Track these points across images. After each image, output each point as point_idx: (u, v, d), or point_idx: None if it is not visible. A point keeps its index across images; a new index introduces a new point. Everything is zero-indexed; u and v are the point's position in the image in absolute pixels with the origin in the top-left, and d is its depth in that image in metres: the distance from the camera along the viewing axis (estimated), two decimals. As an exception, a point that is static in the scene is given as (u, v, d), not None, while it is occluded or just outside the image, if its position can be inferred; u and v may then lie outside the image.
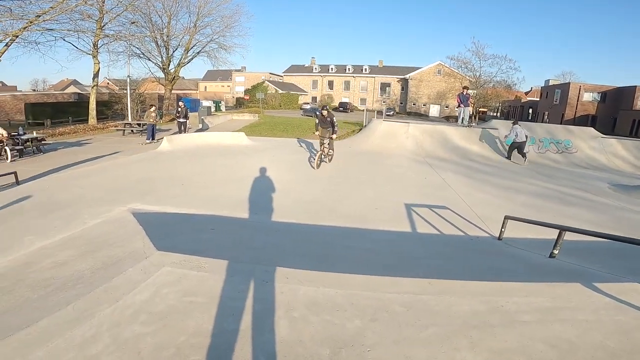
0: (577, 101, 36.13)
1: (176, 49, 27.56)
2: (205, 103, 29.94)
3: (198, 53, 28.71)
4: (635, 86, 32.68)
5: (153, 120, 14.32)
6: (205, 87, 66.06)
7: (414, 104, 56.86)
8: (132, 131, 16.86)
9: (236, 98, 54.52)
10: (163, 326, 2.29)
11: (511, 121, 12.75)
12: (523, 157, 11.62)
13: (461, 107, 13.78)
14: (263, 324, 2.30)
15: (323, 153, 9.52)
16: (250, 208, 5.92)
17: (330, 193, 7.08)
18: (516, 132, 11.38)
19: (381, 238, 4.81)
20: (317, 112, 10.02)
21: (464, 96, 13.59)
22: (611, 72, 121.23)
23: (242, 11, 36.44)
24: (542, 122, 31.86)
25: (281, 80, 62.44)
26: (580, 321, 2.19)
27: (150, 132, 14.23)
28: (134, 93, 23.54)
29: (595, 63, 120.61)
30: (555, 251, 3.72)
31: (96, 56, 20.30)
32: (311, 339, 2.11)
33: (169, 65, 27.30)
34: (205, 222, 5.14)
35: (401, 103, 58.67)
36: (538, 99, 47.86)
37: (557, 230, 3.75)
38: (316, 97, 60.91)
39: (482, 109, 40.76)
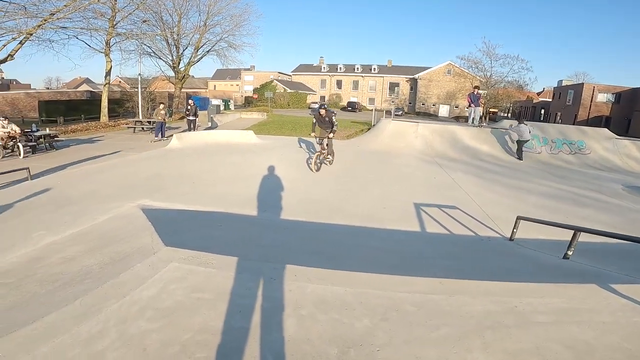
0: (591, 102, 35.45)
1: (186, 48, 27.81)
2: (214, 102, 30.08)
3: (208, 52, 28.90)
4: (651, 87, 31.98)
5: (162, 118, 14.44)
6: (214, 86, 66.45)
7: (423, 104, 56.45)
8: (143, 129, 17.03)
9: (245, 97, 54.76)
10: (169, 322, 2.28)
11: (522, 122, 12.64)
12: (520, 158, 12.03)
13: (472, 107, 13.62)
14: (271, 322, 2.27)
15: (322, 155, 8.90)
16: (258, 206, 5.92)
17: (338, 192, 7.04)
18: (522, 131, 11.64)
19: (390, 237, 4.75)
20: (316, 112, 9.06)
21: (475, 96, 13.43)
22: (626, 73, 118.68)
23: (251, 10, 36.60)
24: (555, 123, 31.33)
25: (290, 79, 62.52)
26: (597, 323, 2.14)
27: (158, 130, 14.35)
28: (145, 91, 23.79)
29: (609, 64, 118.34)
30: (569, 252, 3.64)
31: (108, 54, 20.56)
32: (319, 338, 2.07)
33: (179, 63, 27.54)
34: (213, 219, 5.14)
35: (410, 103, 58.29)
36: (550, 100, 47.10)
37: (570, 231, 3.69)
38: (324, 97, 60.84)
39: (493, 110, 40.23)
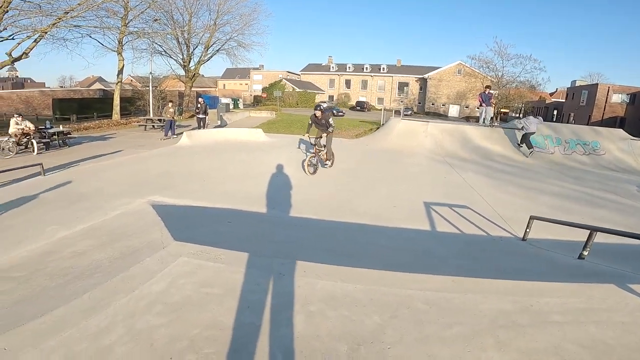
0: (605, 103, 34.71)
1: (196, 47, 27.97)
2: (223, 100, 30.30)
3: (217, 51, 29.02)
4: (667, 87, 31.20)
5: (170, 116, 14.55)
6: (224, 85, 66.90)
7: (433, 104, 55.98)
8: (154, 126, 17.22)
9: (254, 96, 54.96)
10: (178, 317, 2.27)
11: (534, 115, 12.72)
12: (521, 146, 12.21)
13: (483, 107, 13.45)
14: (280, 318, 2.25)
15: (318, 156, 8.24)
16: (267, 203, 5.91)
17: (347, 190, 7.01)
18: (529, 122, 11.83)
19: (400, 235, 4.70)
20: (317, 112, 8.39)
21: (486, 95, 13.26)
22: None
23: (261, 9, 36.59)
24: (568, 124, 30.81)
25: (298, 78, 62.58)
26: (616, 323, 2.09)
27: (168, 128, 14.47)
28: (156, 90, 24.05)
29: (624, 64, 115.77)
30: (584, 252, 3.56)
31: (121, 53, 20.83)
32: (329, 334, 2.05)
33: (190, 62, 27.74)
34: (223, 216, 5.16)
35: (419, 103, 57.85)
36: (563, 100, 46.28)
37: (584, 232, 3.64)
38: (333, 96, 60.77)
39: (504, 110, 39.64)
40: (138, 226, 4.41)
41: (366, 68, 61.89)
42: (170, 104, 15.00)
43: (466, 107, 53.12)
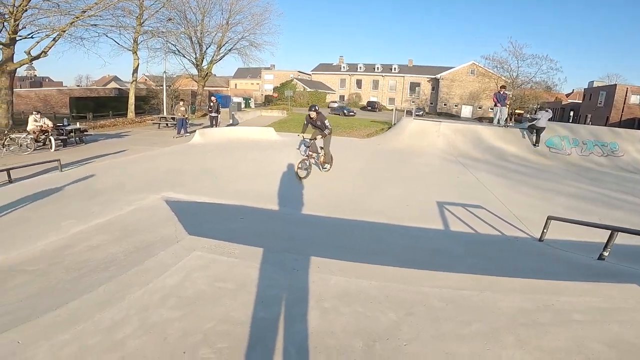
0: (624, 104, 33.83)
1: (209, 46, 28.31)
2: (235, 99, 30.55)
3: (230, 50, 29.30)
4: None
5: (181, 114, 14.72)
6: (235, 85, 67.41)
7: (445, 105, 55.40)
8: (167, 125, 17.47)
9: (265, 96, 55.24)
10: (191, 311, 2.27)
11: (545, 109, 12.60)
12: (536, 141, 12.04)
13: (497, 107, 13.23)
14: (293, 314, 2.23)
15: (311, 159, 7.60)
16: (279, 201, 5.92)
17: (359, 189, 6.97)
18: (539, 116, 11.84)
19: (412, 234, 4.65)
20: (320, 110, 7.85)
21: (501, 95, 13.04)
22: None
23: (272, 9, 36.83)
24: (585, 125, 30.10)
25: (309, 78, 62.66)
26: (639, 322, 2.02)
27: (180, 126, 14.64)
28: (169, 89, 24.38)
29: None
30: (605, 253, 3.48)
31: (136, 52, 21.22)
32: (343, 331, 2.03)
33: (202, 62, 28.05)
34: (235, 212, 5.18)
35: (431, 103, 57.30)
36: (580, 102, 45.25)
37: (602, 233, 3.56)
38: (344, 96, 60.67)
39: (519, 111, 38.92)
40: (152, 221, 4.45)
41: (377, 68, 61.61)
42: (181, 103, 15.19)
43: (479, 108, 52.42)
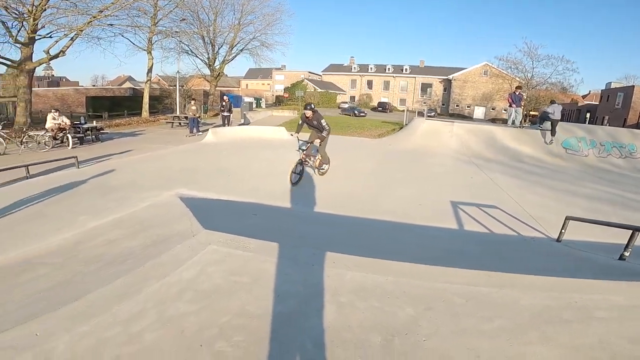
0: (643, 105, 32.97)
1: (221, 46, 28.63)
2: (246, 99, 30.79)
3: (241, 50, 29.58)
4: None
5: (193, 113, 14.88)
6: (246, 85, 67.83)
7: (457, 106, 54.78)
8: (180, 124, 17.70)
9: (275, 96, 55.49)
10: (207, 305, 2.28)
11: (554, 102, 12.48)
12: (551, 136, 12.02)
13: (512, 107, 13.02)
14: (309, 308, 2.23)
15: (306, 161, 7.07)
16: (291, 199, 5.93)
17: (371, 188, 6.94)
18: (554, 109, 11.84)
19: (426, 233, 4.60)
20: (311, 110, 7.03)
21: (517, 96, 12.84)
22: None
23: (283, 9, 36.81)
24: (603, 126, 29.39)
25: (320, 79, 62.70)
26: (664, 319, 1.96)
27: (192, 125, 14.81)
28: (182, 89, 24.73)
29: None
30: (625, 253, 3.41)
31: (150, 51, 21.60)
32: (360, 325, 2.01)
33: (215, 62, 28.37)
34: (248, 209, 5.20)
35: (443, 104, 56.73)
36: (597, 103, 44.22)
37: (622, 234, 3.50)
38: (354, 97, 60.53)
39: (534, 113, 38.27)
40: (167, 217, 4.50)
41: (388, 69, 61.29)
42: (192, 102, 15.37)
43: (492, 109, 51.70)
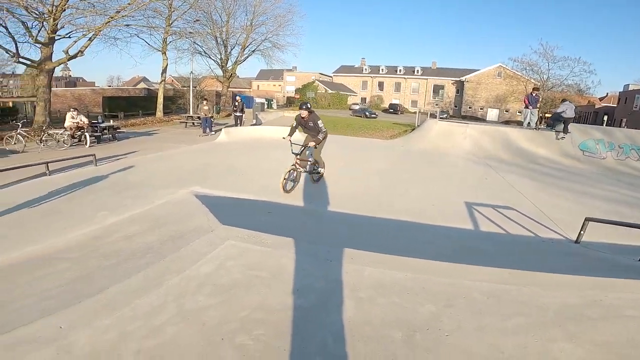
0: (662, 107, 32.11)
1: (234, 47, 28.96)
2: (258, 100, 31.04)
3: (253, 51, 29.87)
4: None
5: (205, 113, 15.04)
6: (257, 86, 68.33)
7: (470, 107, 54.13)
8: (193, 124, 17.93)
9: (287, 97, 55.75)
10: (227, 299, 2.30)
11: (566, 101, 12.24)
12: (564, 132, 11.83)
13: (529, 109, 12.81)
14: (328, 303, 2.24)
15: (299, 167, 6.27)
16: (304, 198, 5.95)
17: (384, 188, 6.91)
18: (566, 108, 11.61)
19: (441, 233, 4.56)
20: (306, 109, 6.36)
21: (534, 98, 12.62)
22: None
23: (295, 10, 36.93)
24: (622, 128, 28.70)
25: (331, 80, 62.75)
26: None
27: (205, 125, 14.97)
28: (195, 89, 25.06)
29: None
30: (647, 254, 3.29)
31: (165, 52, 21.96)
32: (380, 321, 2.01)
33: (227, 62, 28.66)
34: (262, 207, 5.24)
35: (455, 106, 56.12)
36: (614, 105, 43.18)
37: None
38: (365, 98, 60.41)
39: (549, 115, 37.64)
40: (183, 213, 4.57)
41: (400, 70, 60.96)
42: (205, 102, 15.54)
43: (506, 111, 50.94)
